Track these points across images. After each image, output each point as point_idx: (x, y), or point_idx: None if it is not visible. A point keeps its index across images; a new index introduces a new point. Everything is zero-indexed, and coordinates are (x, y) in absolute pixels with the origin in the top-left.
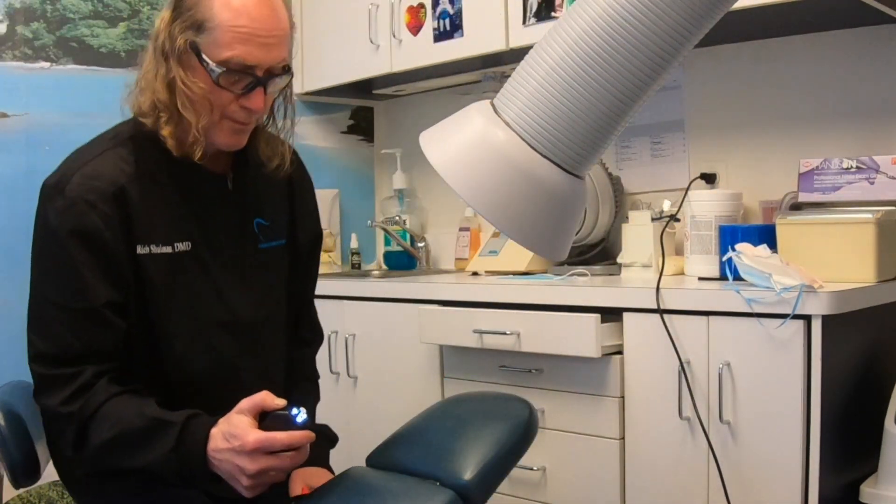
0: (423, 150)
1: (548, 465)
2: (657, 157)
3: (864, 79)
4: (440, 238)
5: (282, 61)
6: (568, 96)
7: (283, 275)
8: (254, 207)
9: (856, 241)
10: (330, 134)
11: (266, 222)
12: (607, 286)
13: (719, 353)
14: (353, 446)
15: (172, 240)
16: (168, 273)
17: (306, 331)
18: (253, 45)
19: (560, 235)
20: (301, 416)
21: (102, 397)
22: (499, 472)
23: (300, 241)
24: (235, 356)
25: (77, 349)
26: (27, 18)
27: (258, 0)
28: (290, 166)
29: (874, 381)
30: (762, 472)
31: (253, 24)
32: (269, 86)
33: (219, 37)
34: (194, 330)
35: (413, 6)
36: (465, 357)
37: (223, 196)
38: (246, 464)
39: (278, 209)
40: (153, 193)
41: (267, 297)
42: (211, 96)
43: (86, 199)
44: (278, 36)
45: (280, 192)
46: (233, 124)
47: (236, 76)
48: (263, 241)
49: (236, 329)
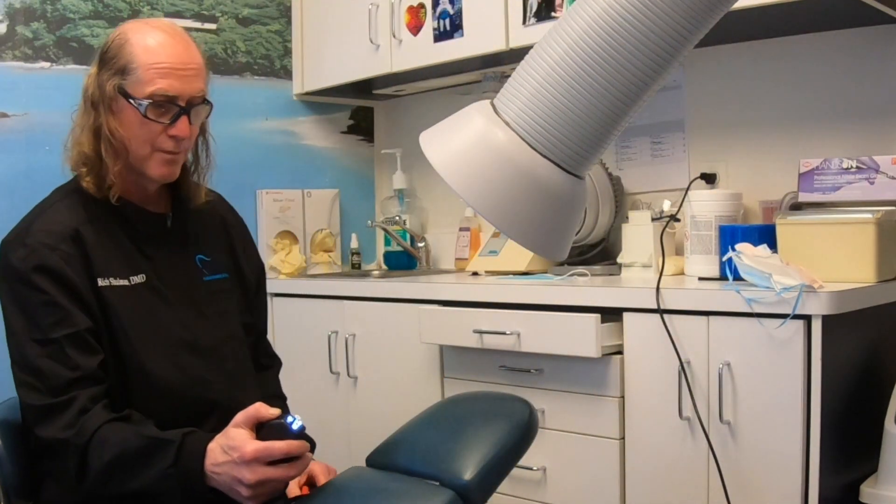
0: (423, 150)
1: (548, 465)
2: (657, 157)
3: (864, 79)
4: (440, 238)
5: (200, 92)
6: (568, 96)
7: (234, 303)
8: (194, 244)
9: (856, 241)
10: (330, 134)
11: (207, 258)
12: (607, 286)
13: (719, 353)
14: (353, 446)
15: (128, 274)
16: (129, 302)
17: (263, 358)
18: (172, 77)
19: (560, 235)
20: (297, 423)
21: (98, 422)
22: (499, 472)
23: (246, 274)
24: (203, 370)
25: (66, 377)
26: (27, 18)
27: (172, 40)
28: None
29: (874, 381)
30: (762, 472)
31: (170, 59)
32: (192, 115)
33: (142, 75)
34: (161, 351)
35: (413, 6)
36: (465, 357)
37: (165, 234)
38: (245, 474)
39: (217, 247)
40: (104, 234)
41: (222, 321)
42: (141, 131)
43: (45, 243)
44: (194, 69)
45: (216, 230)
46: (164, 155)
47: (162, 108)
48: (208, 275)
49: (200, 350)
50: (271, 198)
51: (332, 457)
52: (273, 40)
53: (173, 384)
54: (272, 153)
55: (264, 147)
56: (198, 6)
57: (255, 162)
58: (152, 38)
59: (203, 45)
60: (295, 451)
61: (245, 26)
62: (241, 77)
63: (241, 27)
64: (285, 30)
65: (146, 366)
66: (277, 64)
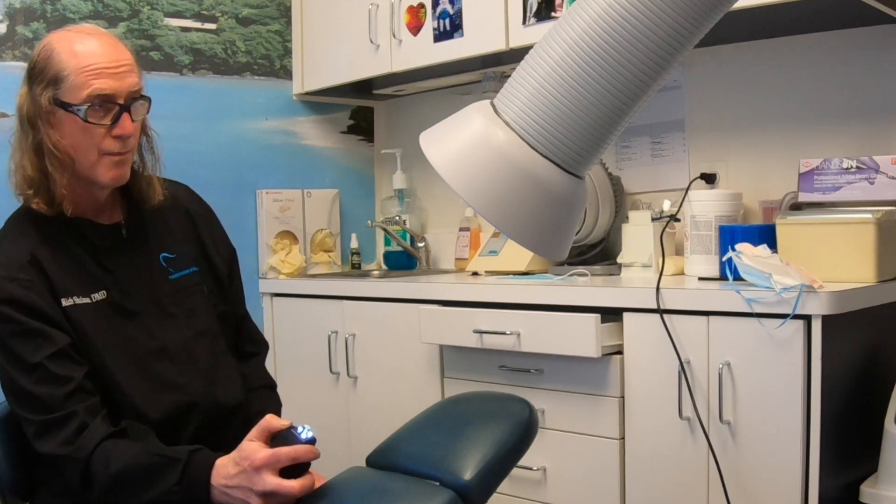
0: (423, 150)
1: (548, 465)
2: (657, 157)
3: (864, 79)
4: (440, 238)
5: (136, 87)
6: (568, 96)
7: (206, 297)
8: (156, 244)
9: (856, 241)
10: (330, 134)
11: (172, 255)
12: (607, 286)
13: (719, 353)
14: (353, 446)
15: (89, 291)
16: (94, 320)
17: (247, 345)
18: (106, 77)
19: (560, 235)
20: (305, 433)
21: (98, 436)
22: (499, 472)
23: (216, 263)
24: (176, 375)
25: (61, 394)
26: (27, 18)
27: (99, 41)
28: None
29: (874, 381)
30: (762, 472)
31: (100, 59)
32: (133, 112)
33: (75, 81)
34: (131, 364)
35: (413, 6)
36: (465, 357)
37: (121, 244)
38: (256, 482)
39: (182, 240)
40: (61, 253)
41: (191, 319)
42: (84, 137)
43: (3, 276)
44: (126, 65)
45: (181, 225)
46: (111, 158)
47: (101, 110)
48: (174, 273)
49: (169, 355)
50: (271, 198)
51: (332, 457)
52: (273, 40)
53: (147, 394)
54: (272, 153)
55: (264, 147)
56: (198, 6)
57: (255, 162)
58: (78, 42)
59: (203, 45)
60: (302, 455)
61: (245, 26)
62: (241, 77)
63: (241, 27)
64: (285, 30)
65: (121, 382)
66: (277, 64)
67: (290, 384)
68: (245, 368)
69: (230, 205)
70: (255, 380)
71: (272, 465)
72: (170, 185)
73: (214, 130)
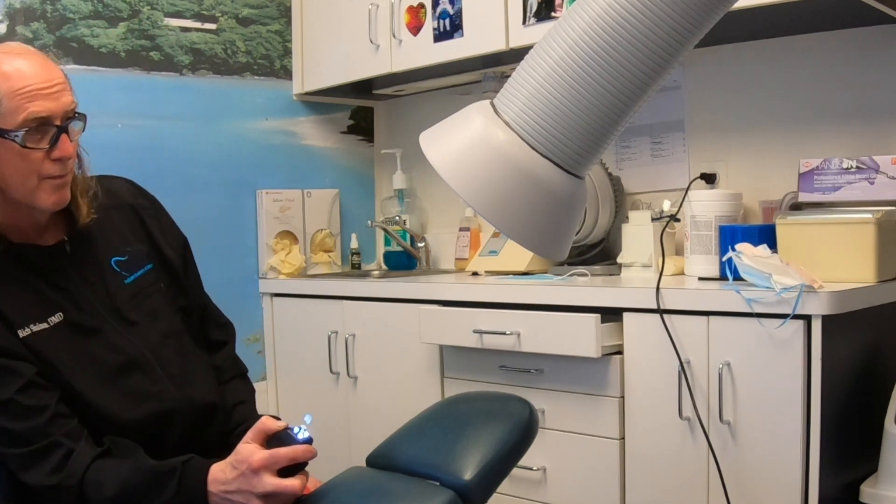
0: (422, 150)
1: (548, 465)
2: (657, 157)
3: (864, 79)
4: (440, 238)
5: (72, 106)
6: (568, 96)
7: (164, 294)
8: (105, 251)
9: (856, 241)
10: (330, 134)
11: (124, 258)
12: (607, 286)
13: (719, 353)
14: (353, 446)
15: (45, 316)
16: (55, 344)
17: (214, 333)
18: (41, 98)
19: (560, 235)
20: (302, 433)
21: (86, 460)
22: (499, 472)
23: (169, 256)
24: (148, 385)
25: (39, 424)
26: (27, 18)
27: (28, 61)
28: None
29: (874, 381)
30: (762, 472)
31: (33, 81)
32: (70, 132)
33: (8, 106)
34: (102, 383)
35: (413, 6)
36: (465, 357)
37: (67, 263)
38: (256, 484)
39: (133, 240)
40: (9, 283)
41: (154, 323)
42: (23, 164)
43: None
44: (59, 84)
45: (128, 223)
46: (52, 181)
47: (38, 133)
48: (128, 276)
49: (138, 365)
50: (271, 198)
51: (332, 457)
52: (273, 40)
53: (123, 409)
54: (272, 153)
55: (264, 147)
56: (198, 6)
57: (255, 162)
58: (7, 65)
59: (203, 45)
60: (300, 455)
61: (245, 26)
62: (241, 77)
63: (241, 27)
64: (285, 30)
65: (94, 402)
66: (277, 64)
67: (290, 384)
68: (215, 359)
69: (230, 205)
70: (226, 371)
71: (270, 467)
72: (108, 182)
73: (214, 130)
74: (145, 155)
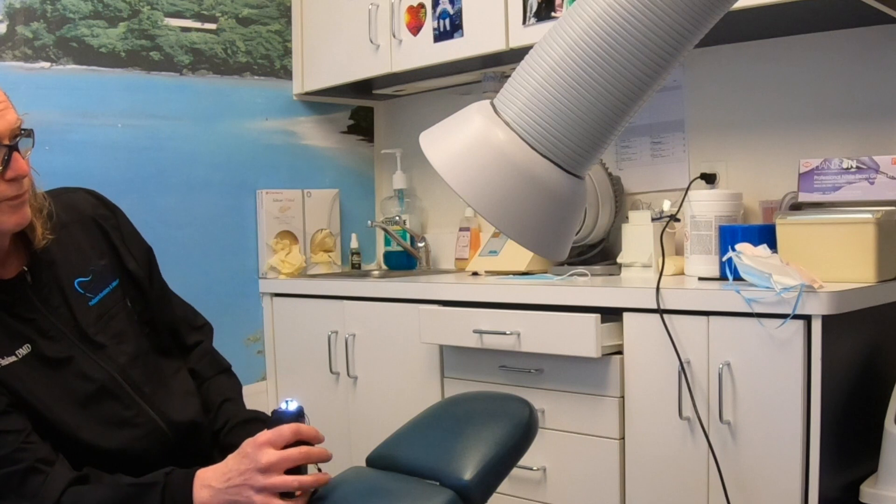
0: (422, 150)
1: (548, 465)
2: (657, 157)
3: (864, 79)
4: (440, 238)
5: (18, 122)
6: (568, 96)
7: (130, 312)
8: (67, 274)
9: (856, 241)
10: (330, 134)
11: (87, 278)
12: (607, 286)
13: (719, 353)
14: (353, 446)
15: (13, 349)
16: (26, 377)
17: (188, 336)
18: None
19: (560, 235)
20: (291, 405)
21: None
22: (499, 472)
23: (132, 269)
24: (122, 409)
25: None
26: (27, 18)
27: None
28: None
29: (874, 381)
30: (762, 472)
31: None
32: (21, 150)
33: None
34: (77, 412)
35: (413, 6)
36: (465, 357)
37: (30, 292)
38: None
39: (96, 257)
40: None
41: (121, 345)
42: None
43: None
44: (1, 103)
45: (90, 238)
46: (9, 203)
47: None
48: (93, 297)
49: (110, 391)
50: (271, 198)
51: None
52: (273, 40)
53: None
54: (272, 153)
55: (264, 147)
56: (198, 6)
57: (255, 162)
58: None
59: (203, 45)
60: (304, 434)
61: (245, 26)
62: (241, 77)
63: (241, 27)
64: (285, 30)
65: (71, 433)
66: (277, 64)
67: (290, 384)
68: (191, 363)
69: (230, 205)
70: (205, 370)
71: (277, 444)
72: (67, 197)
73: (214, 130)
74: (145, 155)
